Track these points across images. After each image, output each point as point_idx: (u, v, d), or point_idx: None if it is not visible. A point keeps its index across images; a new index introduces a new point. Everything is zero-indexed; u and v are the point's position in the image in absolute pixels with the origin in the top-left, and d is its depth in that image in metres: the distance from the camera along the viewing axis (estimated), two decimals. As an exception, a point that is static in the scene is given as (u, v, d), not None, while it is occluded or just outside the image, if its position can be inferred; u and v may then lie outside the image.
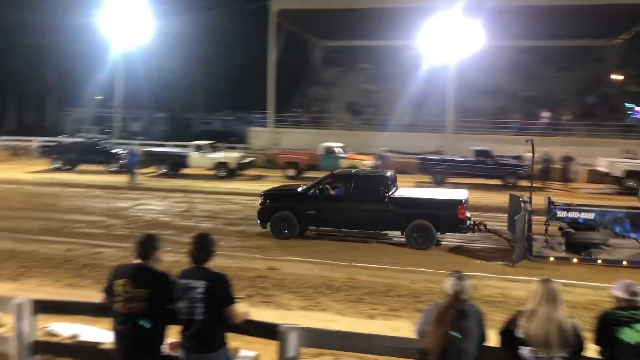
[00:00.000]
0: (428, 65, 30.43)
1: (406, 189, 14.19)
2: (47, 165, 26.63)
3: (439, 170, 23.15)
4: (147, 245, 4.21)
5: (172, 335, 4.28)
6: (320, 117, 33.55)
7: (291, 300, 8.94)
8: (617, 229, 11.37)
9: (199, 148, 25.66)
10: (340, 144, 25.78)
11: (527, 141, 14.33)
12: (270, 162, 27.46)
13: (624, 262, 10.84)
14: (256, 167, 26.83)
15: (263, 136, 32.78)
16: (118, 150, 27.05)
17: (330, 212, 12.93)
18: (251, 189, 19.69)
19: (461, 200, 12.36)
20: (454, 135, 29.04)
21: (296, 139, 30.10)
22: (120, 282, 4.08)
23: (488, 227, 12.69)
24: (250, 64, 41.65)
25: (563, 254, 11.42)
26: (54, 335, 5.52)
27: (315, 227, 13.24)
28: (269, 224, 13.12)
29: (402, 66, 34.84)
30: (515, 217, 11.16)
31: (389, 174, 13.63)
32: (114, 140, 30.73)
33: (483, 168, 22.69)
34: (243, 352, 5.18)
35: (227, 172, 24.83)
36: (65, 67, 40.69)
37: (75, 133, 36.77)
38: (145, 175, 24.81)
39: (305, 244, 12.60)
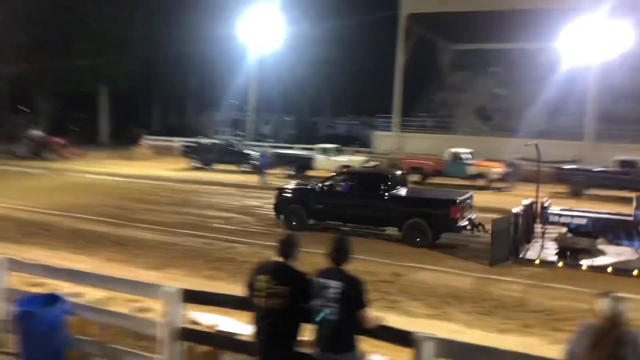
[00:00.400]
0: (566, 69, 28.56)
1: (411, 189, 14.97)
2: (187, 164, 28.68)
3: (577, 181, 21.61)
4: (289, 245, 4.39)
5: (306, 332, 4.41)
6: (447, 122, 32.82)
7: (417, 307, 8.81)
8: (610, 236, 11.44)
9: (324, 151, 26.24)
10: (469, 150, 24.96)
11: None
12: (394, 167, 27.32)
13: (609, 269, 10.67)
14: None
15: (387, 140, 32.74)
16: (250, 152, 28.41)
17: (335, 207, 13.72)
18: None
19: (455, 200, 12.60)
20: (595, 143, 26.95)
21: (421, 144, 29.68)
22: (262, 278, 4.28)
23: (487, 228, 12.33)
24: (377, 68, 41.80)
25: (550, 258, 11.47)
26: (196, 323, 5.91)
27: (321, 221, 13.95)
28: (282, 216, 14.46)
29: (536, 70, 33.09)
30: (494, 219, 11.51)
31: (392, 173, 14.73)
32: (246, 142, 32.36)
33: (628, 180, 20.78)
34: (374, 357, 5.18)
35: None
36: (204, 73, 43.67)
37: (212, 135, 39.26)
38: (274, 176, 25.83)
39: (429, 252, 12.38)
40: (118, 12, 37.71)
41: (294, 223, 13.99)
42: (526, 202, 12.52)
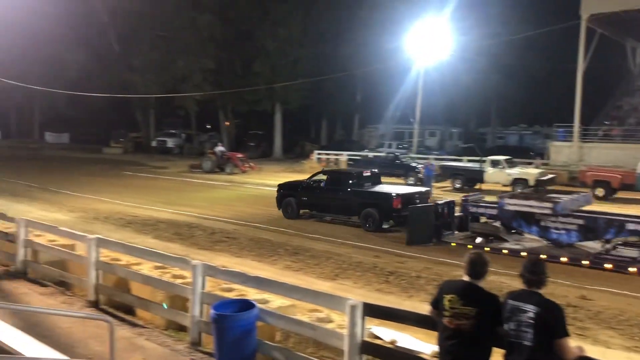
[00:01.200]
0: None
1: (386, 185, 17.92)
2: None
3: None
4: (478, 264, 4.19)
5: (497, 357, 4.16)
6: (638, 131, 29.46)
7: (611, 337, 7.94)
8: (515, 224, 13.54)
9: (495, 163, 25.07)
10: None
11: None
12: (575, 180, 25.20)
13: (523, 253, 12.26)
14: (557, 185, 24.95)
15: (565, 151, 30.32)
16: (416, 164, 28.20)
17: (315, 199, 17.34)
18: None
19: (397, 194, 15.54)
20: None
21: (605, 155, 27.02)
22: (449, 297, 4.14)
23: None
24: (553, 74, 39.13)
25: (463, 241, 13.84)
26: (377, 337, 5.91)
27: (308, 210, 17.65)
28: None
29: None
30: (410, 206, 14.53)
31: (358, 172, 17.96)
32: (411, 155, 32.21)
33: None
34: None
35: (525, 189, 23.63)
36: (370, 88, 44.51)
37: (377, 147, 39.76)
38: (440, 189, 25.32)
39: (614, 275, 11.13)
40: (291, 34, 40.07)
41: (288, 212, 17.56)
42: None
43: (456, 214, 14.68)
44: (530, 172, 24.67)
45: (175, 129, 50.42)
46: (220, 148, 34.58)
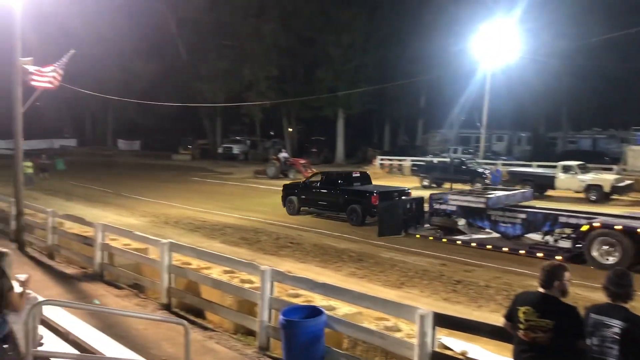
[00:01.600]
0: None
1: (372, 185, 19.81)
2: (417, 183, 28.93)
3: None
4: (553, 275, 4.02)
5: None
6: None
7: None
8: (471, 219, 15.32)
9: (567, 169, 24.06)
10: None
11: None
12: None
13: (473, 244, 14.44)
14: (636, 191, 23.70)
15: (644, 156, 28.73)
16: (482, 170, 27.49)
17: (312, 197, 19.44)
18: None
19: (376, 192, 17.44)
20: None
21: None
22: (523, 310, 4.01)
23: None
24: (630, 76, 37.17)
25: (426, 233, 15.64)
26: (447, 348, 5.78)
27: (307, 207, 19.70)
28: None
29: None
30: (382, 204, 16.52)
31: (348, 173, 20.60)
32: (478, 160, 31.41)
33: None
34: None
35: (600, 195, 22.59)
36: (434, 92, 43.82)
37: (442, 153, 39.07)
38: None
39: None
40: (354, 40, 40.11)
41: (290, 209, 19.78)
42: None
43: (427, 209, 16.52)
44: (605, 178, 23.50)
45: (240, 136, 51.58)
46: (283, 154, 35.03)
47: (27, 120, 12.68)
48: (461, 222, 15.79)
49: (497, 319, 8.59)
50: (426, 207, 16.55)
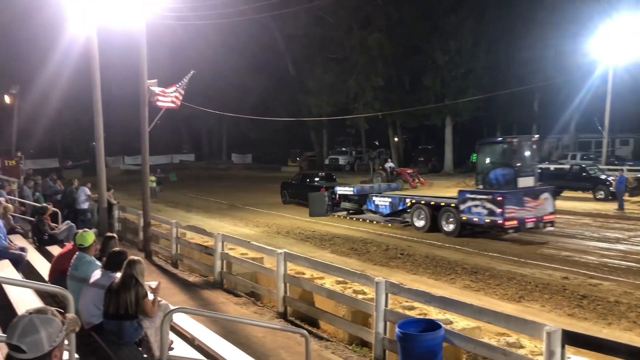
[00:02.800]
0: None
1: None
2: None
3: None
4: None
5: None
6: None
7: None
8: (366, 204, 21.37)
9: None
10: None
11: None
12: None
13: (367, 220, 20.57)
14: None
15: None
16: (606, 176, 25.58)
17: (293, 191, 26.25)
18: None
19: (325, 187, 23.81)
20: None
21: None
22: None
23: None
24: None
25: (341, 213, 22.09)
26: (577, 369, 5.40)
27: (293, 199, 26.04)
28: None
29: None
30: (310, 194, 22.83)
31: (316, 173, 29.06)
32: (600, 166, 29.25)
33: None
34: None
35: None
36: (548, 94, 41.41)
37: (559, 159, 36.89)
38: (636, 204, 22.70)
39: None
40: (462, 45, 39.12)
41: (283, 199, 26.83)
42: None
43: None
44: None
45: (346, 147, 52.09)
46: (389, 164, 34.83)
47: (150, 137, 13.61)
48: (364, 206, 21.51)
49: (631, 339, 7.96)
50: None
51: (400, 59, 43.33)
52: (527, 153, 16.94)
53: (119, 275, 5.43)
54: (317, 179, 26.61)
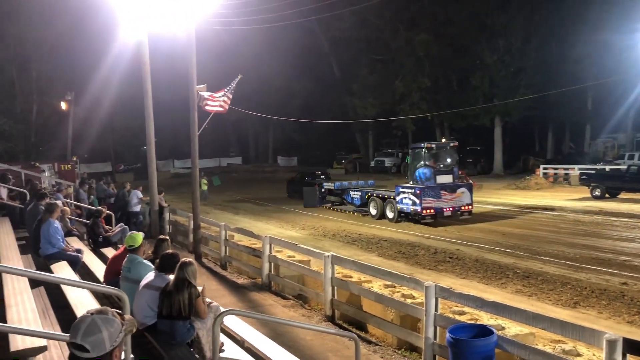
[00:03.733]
0: None
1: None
2: (587, 193, 26.57)
3: None
4: None
5: None
6: None
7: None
8: (345, 197, 25.26)
9: None
10: None
11: None
12: None
13: (353, 213, 23.60)
14: None
15: None
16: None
17: (295, 187, 30.14)
18: None
19: (320, 184, 27.18)
20: None
21: None
22: None
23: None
24: None
25: (327, 205, 26.07)
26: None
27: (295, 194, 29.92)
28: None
29: None
30: (304, 188, 27.27)
31: (313, 173, 31.68)
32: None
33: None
34: None
35: None
36: (603, 92, 39.89)
37: (615, 160, 35.55)
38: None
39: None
40: (512, 44, 38.20)
41: (288, 194, 31.19)
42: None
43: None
44: None
45: (392, 149, 51.66)
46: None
47: (199, 141, 13.86)
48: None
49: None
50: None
51: (447, 59, 42.66)
52: (445, 156, 20.96)
53: (171, 277, 5.54)
54: (308, 178, 30.42)
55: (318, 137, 57.83)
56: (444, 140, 47.87)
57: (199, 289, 5.68)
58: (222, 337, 5.75)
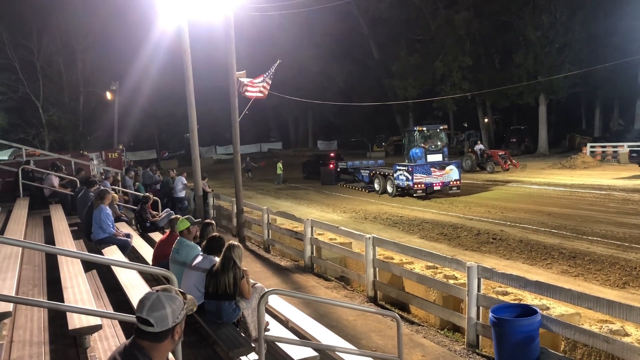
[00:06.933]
0: None
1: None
2: (637, 171, 25.71)
3: None
4: None
5: None
6: None
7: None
8: (357, 175, 27.91)
9: None
10: None
11: None
12: None
13: (362, 189, 26.30)
14: None
15: None
16: None
17: (312, 168, 33.36)
18: None
19: (331, 163, 31.16)
20: None
21: None
22: None
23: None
24: None
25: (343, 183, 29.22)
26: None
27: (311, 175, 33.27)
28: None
29: None
30: (321, 168, 30.90)
31: (327, 154, 35.38)
32: None
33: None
34: None
35: None
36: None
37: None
38: None
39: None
40: (556, 19, 36.96)
41: (304, 175, 34.36)
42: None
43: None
44: None
45: (433, 130, 50.97)
46: (479, 146, 33.83)
47: (240, 127, 14.05)
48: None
49: None
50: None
51: (488, 37, 41.68)
52: (436, 137, 23.88)
53: (217, 259, 5.71)
54: (322, 160, 33.10)
55: (358, 120, 57.59)
56: (486, 119, 47.12)
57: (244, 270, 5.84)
58: (267, 317, 5.90)
